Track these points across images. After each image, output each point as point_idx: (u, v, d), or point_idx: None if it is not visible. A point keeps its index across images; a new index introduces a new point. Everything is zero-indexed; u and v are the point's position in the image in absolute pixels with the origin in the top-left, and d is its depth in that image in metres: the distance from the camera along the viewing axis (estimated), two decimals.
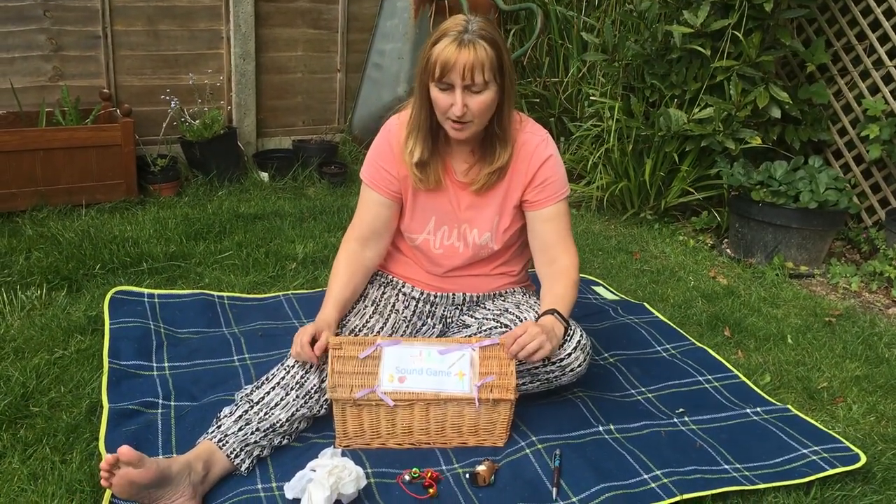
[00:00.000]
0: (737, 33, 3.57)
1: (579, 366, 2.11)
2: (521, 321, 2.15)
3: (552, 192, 2.14)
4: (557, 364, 2.09)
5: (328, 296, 2.12)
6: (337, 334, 2.05)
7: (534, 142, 2.13)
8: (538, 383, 2.13)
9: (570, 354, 2.09)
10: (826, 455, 2.10)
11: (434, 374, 1.97)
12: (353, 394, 1.93)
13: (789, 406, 2.38)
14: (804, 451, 2.12)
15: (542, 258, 2.18)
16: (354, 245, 2.19)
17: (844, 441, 2.19)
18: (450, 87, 1.94)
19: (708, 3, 3.57)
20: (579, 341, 2.11)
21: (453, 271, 2.24)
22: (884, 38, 3.74)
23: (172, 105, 3.98)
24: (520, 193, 2.14)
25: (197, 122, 3.98)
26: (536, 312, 2.17)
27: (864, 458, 2.09)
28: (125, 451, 1.67)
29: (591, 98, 4.12)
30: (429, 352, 1.98)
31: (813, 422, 2.29)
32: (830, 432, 2.24)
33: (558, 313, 2.01)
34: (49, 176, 3.50)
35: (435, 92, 1.97)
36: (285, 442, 1.99)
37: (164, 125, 4.02)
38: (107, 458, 1.67)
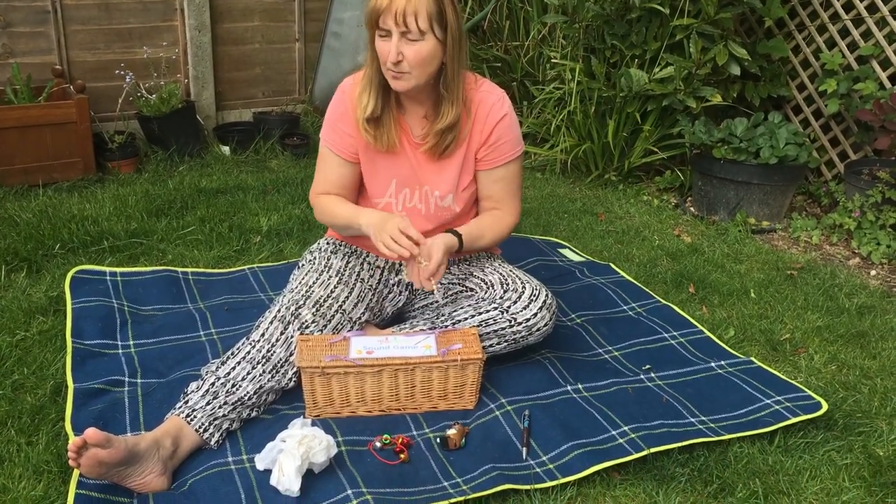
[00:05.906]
0: None
1: (545, 325, 2.13)
2: (487, 284, 2.18)
3: (503, 152, 2.15)
4: (524, 324, 2.10)
5: (353, 211, 2.12)
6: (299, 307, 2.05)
7: (489, 101, 2.12)
8: (505, 343, 2.15)
9: (535, 314, 2.10)
10: (789, 404, 2.14)
11: (401, 349, 2.03)
12: (322, 361, 1.94)
13: (753, 358, 2.42)
14: (768, 401, 2.16)
15: (484, 205, 2.24)
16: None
17: (807, 390, 2.23)
18: (388, 35, 1.92)
19: None
20: (545, 301, 2.13)
21: None
22: None
23: (128, 80, 3.89)
24: (475, 151, 2.15)
25: (154, 96, 3.90)
26: (501, 275, 2.19)
27: (825, 406, 2.14)
28: (92, 433, 1.65)
29: (553, 61, 4.11)
30: (395, 337, 2.08)
31: (776, 373, 2.33)
32: (793, 382, 2.28)
33: (452, 231, 2.07)
34: (3, 156, 3.42)
35: (377, 41, 1.96)
36: (254, 414, 1.98)
37: (121, 101, 3.93)
38: (74, 441, 1.66)
